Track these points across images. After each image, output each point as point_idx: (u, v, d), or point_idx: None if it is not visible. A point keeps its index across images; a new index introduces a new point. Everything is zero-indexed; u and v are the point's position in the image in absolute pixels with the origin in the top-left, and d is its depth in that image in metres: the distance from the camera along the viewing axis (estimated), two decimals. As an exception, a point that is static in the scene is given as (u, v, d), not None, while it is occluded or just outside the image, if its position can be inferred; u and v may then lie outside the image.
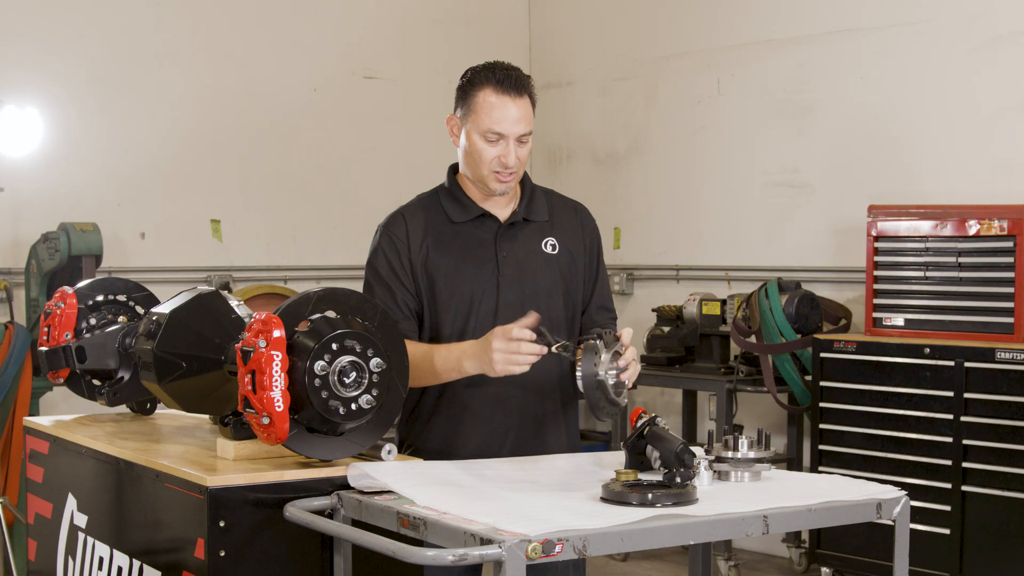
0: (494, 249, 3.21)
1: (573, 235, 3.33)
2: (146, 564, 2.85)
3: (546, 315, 3.16)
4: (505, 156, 3.12)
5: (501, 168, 3.13)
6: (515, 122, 3.11)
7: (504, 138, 3.12)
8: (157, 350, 2.80)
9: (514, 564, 2.18)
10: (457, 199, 3.24)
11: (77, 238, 5.58)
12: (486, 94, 3.13)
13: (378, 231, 3.28)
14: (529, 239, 3.26)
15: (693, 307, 6.42)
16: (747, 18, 6.96)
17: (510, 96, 3.12)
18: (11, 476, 5.29)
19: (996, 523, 5.23)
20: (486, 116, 3.11)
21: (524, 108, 3.13)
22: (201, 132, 6.89)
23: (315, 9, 7.34)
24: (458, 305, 3.17)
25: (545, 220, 3.29)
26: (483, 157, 3.13)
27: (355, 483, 2.64)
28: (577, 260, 3.31)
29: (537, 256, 3.25)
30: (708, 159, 7.16)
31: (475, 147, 3.14)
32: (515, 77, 3.14)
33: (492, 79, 3.13)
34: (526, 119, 3.13)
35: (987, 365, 5.23)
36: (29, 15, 6.37)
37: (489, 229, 3.23)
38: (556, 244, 3.28)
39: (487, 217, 3.23)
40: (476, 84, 3.15)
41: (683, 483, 2.54)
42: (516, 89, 3.13)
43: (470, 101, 3.15)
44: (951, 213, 5.52)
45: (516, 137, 3.12)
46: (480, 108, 3.13)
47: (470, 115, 3.15)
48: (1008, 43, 5.83)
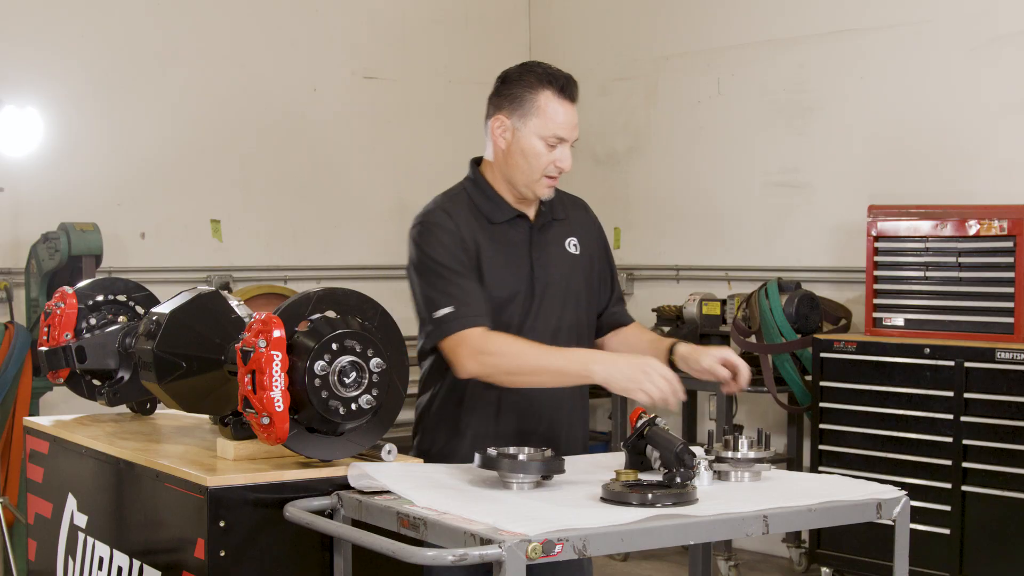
0: (528, 251, 3.19)
1: (587, 233, 3.34)
2: (146, 564, 2.85)
3: (574, 316, 3.20)
4: (563, 160, 3.12)
5: (556, 172, 3.13)
6: (574, 127, 3.13)
7: (564, 142, 3.12)
8: (157, 350, 2.80)
9: (514, 564, 2.18)
10: (491, 199, 3.19)
11: (77, 238, 5.58)
12: (548, 98, 3.10)
13: (421, 226, 3.14)
14: (556, 239, 3.25)
15: (693, 307, 6.42)
16: (747, 18, 6.96)
17: (569, 100, 3.13)
18: (11, 476, 5.29)
19: (996, 523, 5.23)
20: (551, 120, 3.09)
21: (576, 115, 3.16)
22: (201, 132, 6.89)
23: (315, 9, 7.34)
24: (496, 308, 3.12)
25: (563, 219, 3.30)
26: (540, 161, 3.11)
27: (355, 483, 2.64)
28: (595, 258, 3.33)
29: (564, 257, 3.25)
30: (708, 159, 7.16)
31: (532, 150, 3.11)
32: (573, 82, 3.15)
33: (554, 84, 3.11)
34: (578, 126, 3.16)
35: (987, 365, 5.23)
36: (29, 15, 6.37)
37: (522, 230, 3.20)
38: (577, 243, 3.28)
39: (520, 218, 3.21)
40: (535, 86, 3.11)
41: (683, 483, 2.54)
42: (573, 95, 3.14)
43: (528, 104, 3.11)
44: (951, 213, 5.52)
45: (571, 142, 3.15)
46: (543, 111, 3.09)
47: (528, 118, 3.11)
48: (1008, 43, 5.83)
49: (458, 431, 3.20)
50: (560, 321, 3.19)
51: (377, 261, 7.44)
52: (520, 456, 2.67)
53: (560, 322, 3.19)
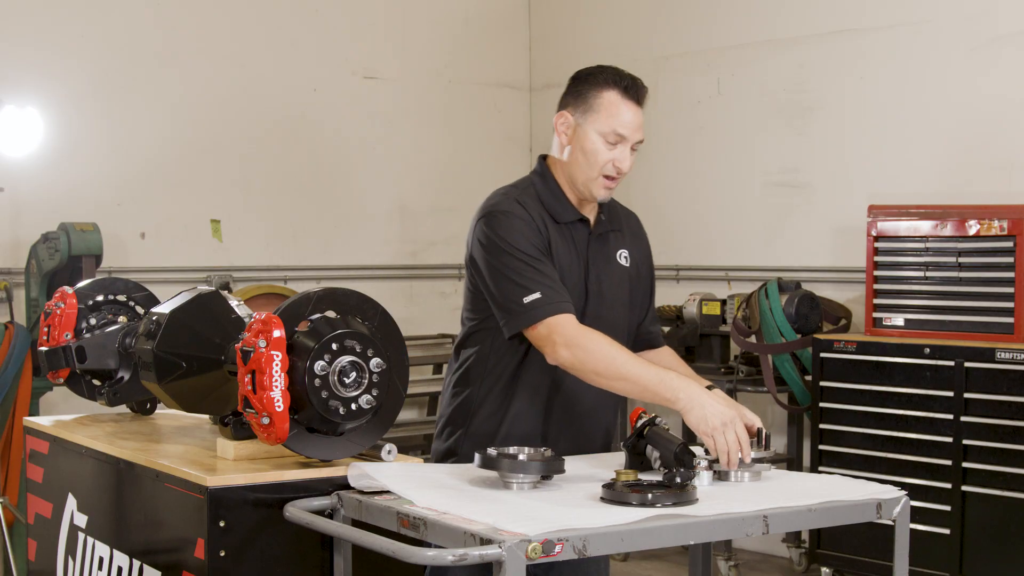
0: (586, 256, 3.19)
1: (638, 248, 3.34)
2: (146, 564, 2.85)
3: (617, 326, 3.18)
4: (622, 160, 3.09)
5: (614, 172, 3.11)
6: (637, 128, 3.10)
7: (624, 141, 3.09)
8: (157, 350, 2.80)
9: (514, 564, 2.18)
10: (558, 198, 3.18)
11: (77, 238, 5.58)
12: (612, 95, 3.09)
13: (493, 215, 3.08)
14: (609, 249, 3.25)
15: (693, 307, 6.42)
16: (747, 18, 6.96)
17: (634, 102, 3.11)
18: (11, 476, 5.29)
19: (996, 523, 5.23)
20: (612, 117, 3.08)
21: (641, 118, 3.13)
22: (201, 132, 6.89)
23: (315, 9, 7.34)
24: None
25: (619, 230, 3.29)
26: (598, 159, 3.10)
27: (355, 483, 2.64)
28: (641, 270, 3.33)
29: (614, 267, 3.24)
30: (708, 159, 7.16)
31: (592, 147, 3.10)
32: (640, 85, 3.13)
33: (619, 83, 3.10)
34: (642, 128, 3.13)
35: (987, 365, 5.23)
36: (29, 15, 6.37)
37: (581, 235, 3.19)
38: (628, 256, 3.28)
39: (582, 222, 3.20)
40: (600, 85, 3.11)
41: (683, 483, 2.54)
42: (639, 98, 3.12)
43: (592, 100, 3.10)
44: (951, 213, 5.52)
45: (632, 144, 3.11)
46: (605, 108, 3.09)
47: (591, 114, 3.10)
48: (1008, 43, 5.83)
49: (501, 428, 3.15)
50: (605, 325, 3.14)
51: (377, 261, 7.45)
52: (520, 456, 2.67)
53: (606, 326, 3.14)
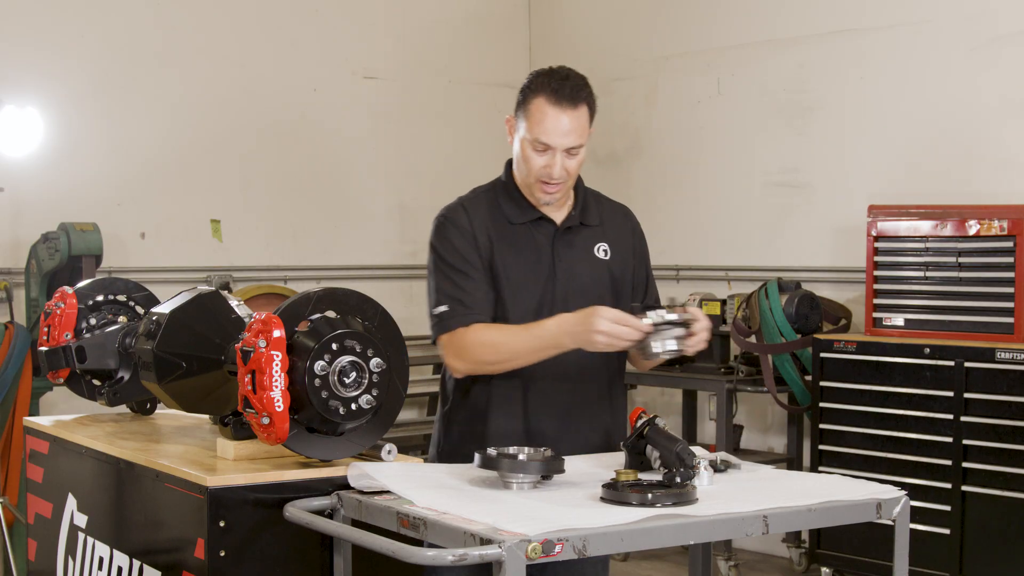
0: (551, 254, 3.18)
1: (623, 240, 3.30)
2: (146, 564, 2.85)
3: None
4: (550, 167, 3.07)
5: (547, 179, 3.09)
6: (564, 134, 3.05)
7: (551, 149, 3.06)
8: (157, 350, 2.80)
9: (514, 564, 2.18)
10: (515, 199, 3.19)
11: (77, 238, 5.58)
12: (540, 102, 3.06)
13: (438, 221, 3.18)
14: (583, 244, 3.23)
15: (693, 307, 6.41)
16: (747, 18, 6.96)
17: (563, 107, 3.04)
18: (11, 476, 5.29)
19: (996, 523, 5.23)
20: (536, 125, 3.06)
21: (577, 119, 3.06)
22: (201, 132, 6.89)
23: (315, 9, 7.34)
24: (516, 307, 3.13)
25: (597, 225, 3.26)
26: (530, 165, 3.10)
27: (355, 483, 2.64)
28: (627, 264, 3.29)
29: (590, 262, 3.22)
30: (708, 159, 7.16)
31: (524, 153, 3.10)
32: (571, 87, 3.06)
33: (548, 87, 3.05)
34: (577, 131, 3.06)
35: (987, 365, 5.23)
36: (29, 15, 6.37)
37: (546, 233, 3.19)
38: (608, 249, 3.25)
39: (544, 220, 3.19)
40: (533, 90, 3.08)
41: (683, 483, 2.54)
42: (571, 100, 3.05)
43: (526, 106, 3.09)
44: (951, 213, 5.52)
45: (565, 149, 3.07)
46: (532, 116, 3.07)
47: (523, 121, 3.10)
48: (1008, 43, 5.83)
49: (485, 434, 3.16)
50: None
51: (377, 261, 7.45)
52: (520, 456, 2.67)
53: None
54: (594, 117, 3.15)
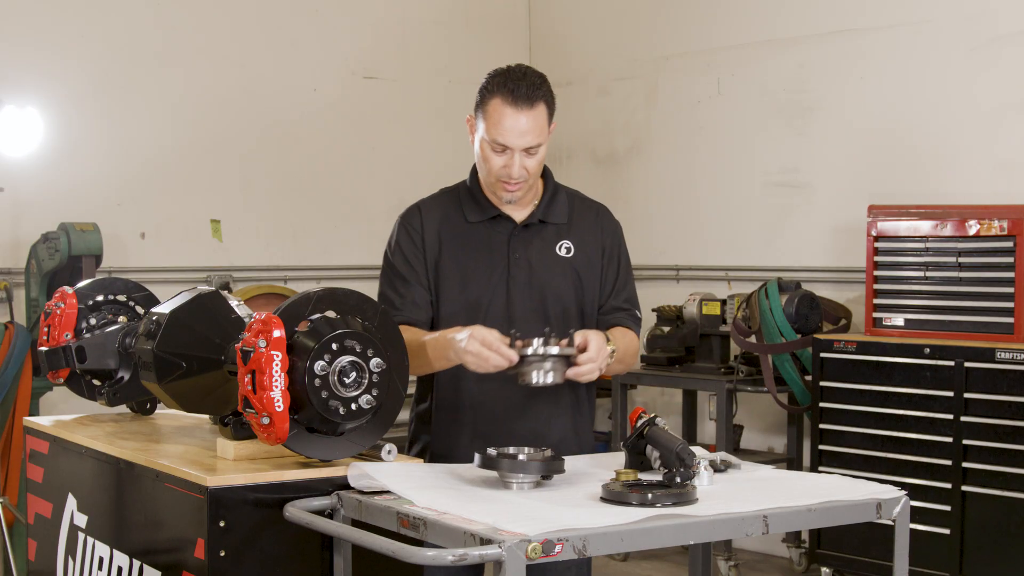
0: (507, 251, 3.19)
1: (591, 237, 3.28)
2: (146, 564, 2.85)
3: (558, 318, 3.17)
4: (509, 167, 3.08)
5: (507, 178, 3.10)
6: (521, 135, 3.05)
7: (510, 150, 3.07)
8: (157, 350, 2.80)
9: (514, 564, 2.18)
10: (475, 198, 3.22)
11: (77, 238, 5.58)
12: (497, 103, 3.06)
13: (396, 224, 3.30)
14: (543, 241, 3.23)
15: (693, 307, 6.42)
16: (747, 18, 6.96)
17: (519, 107, 3.04)
18: (11, 476, 5.29)
19: (996, 523, 5.23)
20: (493, 126, 3.07)
21: (535, 119, 3.06)
22: (201, 132, 6.89)
23: (315, 9, 7.34)
24: (468, 305, 3.16)
25: (563, 222, 3.26)
26: (490, 166, 3.11)
27: (355, 483, 2.64)
28: (593, 262, 3.27)
29: (550, 258, 3.22)
30: (708, 159, 7.16)
31: (483, 153, 3.12)
32: (527, 86, 3.05)
33: (504, 88, 3.06)
34: (535, 131, 3.06)
35: (987, 365, 5.23)
36: (29, 15, 6.37)
37: (503, 230, 3.21)
38: (571, 247, 3.25)
39: (502, 218, 3.21)
40: (490, 90, 3.09)
41: (683, 483, 2.54)
42: (527, 99, 3.05)
43: (484, 107, 3.10)
44: (951, 213, 5.52)
45: (523, 149, 3.07)
46: (489, 116, 3.08)
47: (481, 120, 3.11)
48: (1008, 43, 5.84)
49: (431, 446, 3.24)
50: (538, 318, 3.16)
51: (377, 261, 7.32)
52: (520, 456, 2.67)
53: (538, 319, 3.16)
54: (553, 113, 3.14)
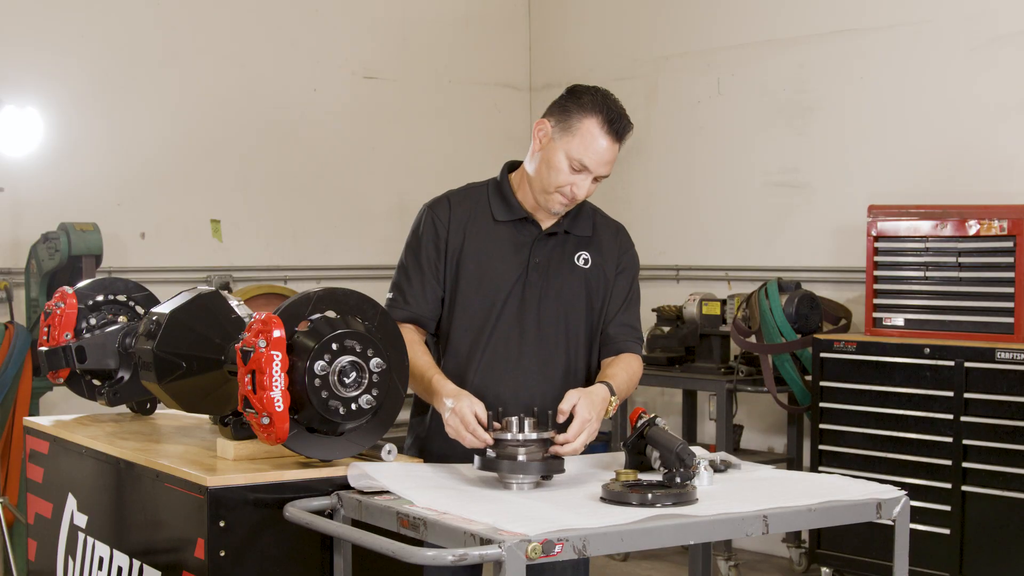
0: (528, 254, 3.22)
1: (609, 255, 3.33)
2: (146, 564, 2.85)
3: (566, 325, 3.21)
4: (579, 188, 3.13)
5: (569, 195, 3.14)
6: (606, 163, 3.13)
7: (587, 171, 3.12)
8: (157, 350, 2.80)
9: (514, 564, 2.18)
10: (505, 198, 3.25)
11: (77, 238, 5.58)
12: (593, 125, 3.10)
13: (422, 210, 3.30)
14: (564, 251, 3.27)
15: (693, 307, 6.42)
16: (747, 18, 6.96)
17: (612, 138, 3.11)
18: (11, 476, 5.29)
19: (996, 523, 5.23)
20: (583, 146, 3.09)
21: (615, 153, 3.15)
22: (201, 132, 6.89)
23: (315, 9, 7.34)
24: (482, 306, 3.19)
25: (587, 236, 3.30)
26: (558, 178, 3.13)
27: (355, 483, 2.64)
28: (608, 278, 3.31)
29: (567, 266, 3.26)
30: (708, 159, 7.16)
31: (556, 165, 3.13)
32: (625, 123, 3.14)
33: (605, 113, 3.10)
34: (612, 164, 3.15)
35: (987, 365, 5.22)
36: (29, 15, 6.37)
37: (528, 234, 3.24)
38: (589, 259, 3.29)
39: (529, 222, 3.24)
40: (586, 108, 3.11)
41: (683, 483, 2.55)
42: (620, 135, 3.13)
43: (573, 121, 3.12)
44: (951, 213, 5.52)
45: (597, 176, 3.14)
46: (581, 134, 3.10)
47: (567, 134, 3.12)
48: (1008, 43, 5.83)
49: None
50: (548, 323, 3.21)
51: (377, 261, 7.44)
52: (520, 457, 2.67)
53: (548, 324, 3.21)
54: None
